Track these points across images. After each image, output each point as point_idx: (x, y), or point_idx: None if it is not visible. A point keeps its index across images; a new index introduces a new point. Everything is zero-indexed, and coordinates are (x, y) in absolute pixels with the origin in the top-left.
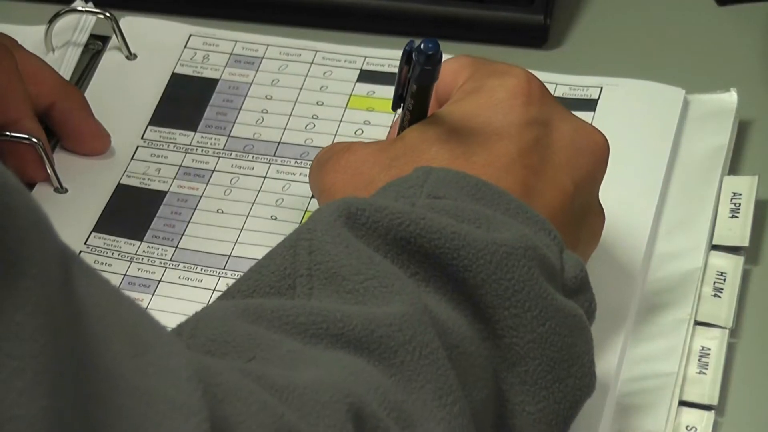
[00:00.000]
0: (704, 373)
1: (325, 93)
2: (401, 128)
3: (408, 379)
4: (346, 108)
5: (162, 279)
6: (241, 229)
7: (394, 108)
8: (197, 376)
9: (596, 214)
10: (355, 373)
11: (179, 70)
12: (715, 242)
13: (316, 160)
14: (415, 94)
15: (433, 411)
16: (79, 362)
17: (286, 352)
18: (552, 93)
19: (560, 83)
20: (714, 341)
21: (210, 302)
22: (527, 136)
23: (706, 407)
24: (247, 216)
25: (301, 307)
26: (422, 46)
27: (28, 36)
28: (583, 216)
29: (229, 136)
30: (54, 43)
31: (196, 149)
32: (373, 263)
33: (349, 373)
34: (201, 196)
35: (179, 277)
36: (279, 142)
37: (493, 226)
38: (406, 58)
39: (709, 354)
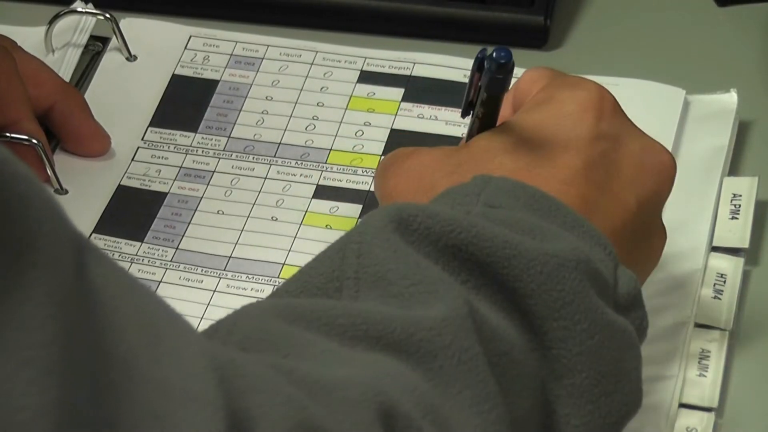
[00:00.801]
0: (704, 376)
1: (325, 94)
2: (469, 135)
3: (446, 384)
4: (346, 109)
5: (162, 280)
6: (242, 230)
7: (464, 115)
8: (213, 366)
9: (658, 234)
10: (391, 374)
11: (179, 71)
12: (715, 243)
13: (380, 163)
14: (484, 102)
15: (470, 417)
16: (93, 352)
17: (322, 351)
18: None
19: None
20: (714, 343)
21: (211, 302)
22: (594, 151)
23: (706, 409)
24: (248, 217)
25: (341, 309)
26: (494, 54)
27: (28, 37)
28: (646, 235)
29: (229, 137)
30: (54, 44)
31: (197, 150)
32: (420, 268)
33: (385, 374)
34: (201, 197)
35: (180, 278)
36: (279, 143)
37: (547, 238)
38: (478, 65)
39: (708, 356)
